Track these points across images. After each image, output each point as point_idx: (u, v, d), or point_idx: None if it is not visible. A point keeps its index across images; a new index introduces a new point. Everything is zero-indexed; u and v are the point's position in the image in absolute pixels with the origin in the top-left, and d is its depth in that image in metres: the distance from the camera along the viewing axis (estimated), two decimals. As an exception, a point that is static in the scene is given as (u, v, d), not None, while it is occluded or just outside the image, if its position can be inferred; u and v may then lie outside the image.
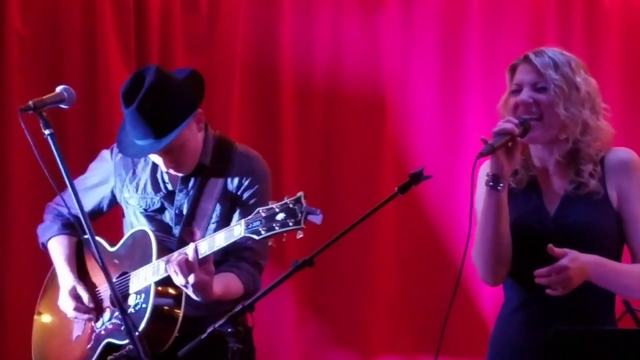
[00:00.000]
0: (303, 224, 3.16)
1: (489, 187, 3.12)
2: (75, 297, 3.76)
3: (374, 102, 5.20)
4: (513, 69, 3.27)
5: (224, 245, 3.39)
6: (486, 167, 3.16)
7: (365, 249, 5.12)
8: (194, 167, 3.69)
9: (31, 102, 3.12)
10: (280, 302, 5.00)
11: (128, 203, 3.81)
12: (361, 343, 5.17)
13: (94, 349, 3.70)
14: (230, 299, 3.59)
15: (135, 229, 3.74)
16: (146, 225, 3.73)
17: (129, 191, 3.80)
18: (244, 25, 5.11)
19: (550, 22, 5.28)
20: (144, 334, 3.44)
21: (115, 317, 3.68)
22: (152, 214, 3.76)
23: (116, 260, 3.75)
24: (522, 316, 3.23)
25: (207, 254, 3.42)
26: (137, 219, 3.79)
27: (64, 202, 3.36)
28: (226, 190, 3.69)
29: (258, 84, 5.15)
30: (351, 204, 5.02)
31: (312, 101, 5.19)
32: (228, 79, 5.08)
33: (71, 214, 3.62)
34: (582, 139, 3.17)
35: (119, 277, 3.70)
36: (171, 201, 3.74)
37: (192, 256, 3.41)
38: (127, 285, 3.65)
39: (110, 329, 3.69)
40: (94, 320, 3.76)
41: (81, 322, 3.80)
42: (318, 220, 3.17)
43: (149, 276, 3.57)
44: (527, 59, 3.23)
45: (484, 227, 3.15)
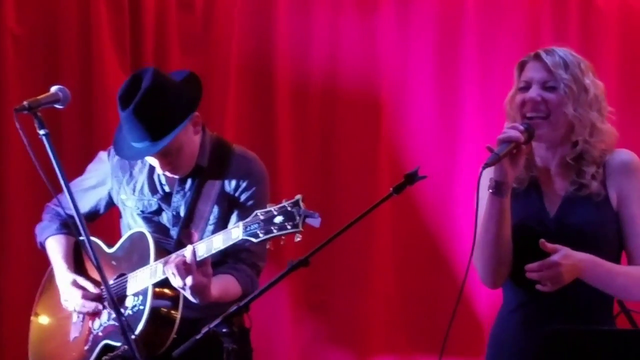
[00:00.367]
0: (301, 227, 3.17)
1: (491, 193, 3.11)
2: (80, 287, 3.75)
3: (370, 103, 5.20)
4: (522, 66, 3.25)
5: (222, 248, 3.39)
6: (489, 171, 3.14)
7: (362, 248, 5.12)
8: (190, 169, 3.69)
9: (26, 102, 3.11)
10: (276, 302, 5.00)
11: (125, 205, 3.81)
12: (358, 342, 5.17)
13: (92, 350, 3.70)
14: (229, 301, 3.56)
15: (132, 231, 3.74)
16: (143, 227, 3.73)
17: (126, 193, 3.80)
18: (240, 25, 5.11)
19: (545, 21, 5.28)
20: (141, 335, 3.45)
21: (113, 319, 3.67)
22: (149, 215, 3.76)
23: (114, 262, 3.75)
24: (520, 316, 3.23)
25: (205, 256, 3.42)
26: (134, 220, 3.79)
27: (58, 203, 3.35)
28: (224, 192, 3.69)
29: (254, 84, 5.15)
30: (347, 204, 5.01)
31: (308, 101, 5.19)
32: (223, 79, 5.08)
33: (67, 214, 3.63)
34: (589, 141, 3.16)
35: (117, 278, 3.70)
36: (168, 203, 3.73)
37: (190, 258, 3.41)
38: (124, 287, 3.64)
39: (108, 330, 3.68)
40: (96, 315, 3.74)
41: (78, 323, 3.80)
42: (316, 224, 3.17)
43: (146, 278, 3.57)
44: (537, 56, 3.22)
45: (485, 232, 3.14)
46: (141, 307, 3.56)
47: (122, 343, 3.48)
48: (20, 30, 4.89)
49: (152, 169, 3.76)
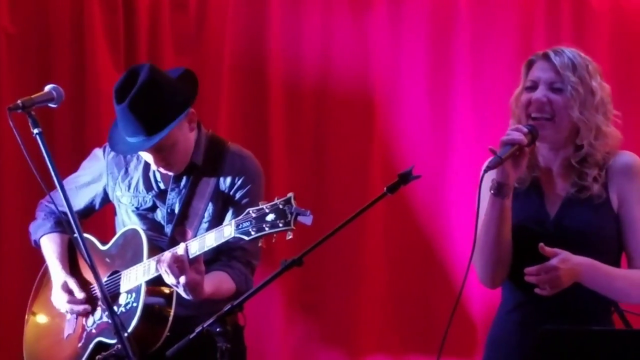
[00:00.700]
0: (293, 225, 3.17)
1: (493, 194, 3.11)
2: (67, 291, 3.75)
3: (363, 102, 5.20)
4: (529, 65, 3.24)
5: (214, 246, 3.40)
6: (490, 172, 3.12)
7: (355, 248, 5.12)
8: (185, 166, 3.69)
9: (20, 101, 3.12)
10: (269, 302, 5.00)
11: (120, 201, 3.81)
12: (350, 342, 5.17)
13: (85, 348, 3.70)
14: (222, 298, 3.58)
15: (126, 228, 3.74)
16: (138, 224, 3.73)
17: (121, 189, 3.80)
18: (233, 25, 5.11)
19: (538, 21, 5.28)
20: (134, 333, 3.46)
21: (107, 316, 3.66)
22: (143, 212, 3.76)
23: (107, 259, 3.75)
24: (518, 316, 3.23)
25: (198, 253, 3.43)
26: (129, 217, 3.79)
27: (52, 201, 3.35)
28: (218, 189, 3.69)
29: (247, 83, 5.14)
30: (340, 203, 5.01)
31: (301, 101, 5.19)
32: (216, 78, 5.07)
33: (61, 211, 3.63)
34: (594, 144, 3.15)
35: (110, 276, 3.71)
36: (163, 200, 3.74)
37: (183, 256, 3.41)
38: (118, 284, 3.65)
39: (101, 328, 3.68)
40: (89, 314, 3.74)
41: (72, 321, 3.79)
42: (308, 222, 3.17)
43: (139, 275, 3.57)
44: (546, 56, 3.20)
45: (485, 233, 3.14)
46: (134, 305, 3.56)
47: (115, 341, 3.50)
48: (14, 30, 4.89)
49: (147, 165, 3.76)
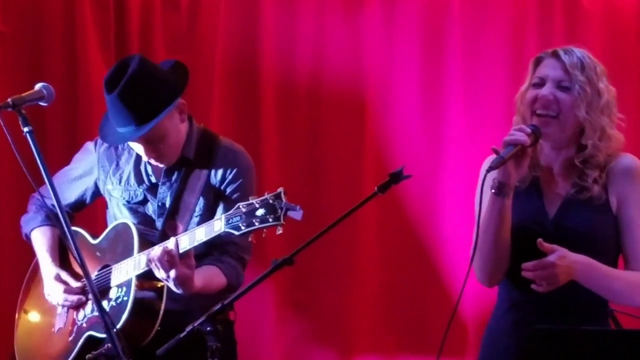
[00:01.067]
0: (283, 220, 3.18)
1: (493, 193, 3.11)
2: (62, 282, 3.75)
3: (356, 102, 5.20)
4: (537, 62, 3.23)
5: (204, 240, 3.39)
6: (489, 163, 3.11)
7: (347, 247, 5.12)
8: (176, 158, 3.69)
9: (10, 100, 3.11)
10: (261, 301, 4.99)
11: (111, 195, 3.81)
12: (343, 342, 5.16)
13: (76, 342, 3.69)
14: (213, 292, 3.59)
15: (117, 222, 3.74)
16: (129, 218, 3.73)
17: (112, 183, 3.79)
18: (225, 23, 5.10)
19: (531, 21, 5.28)
20: (125, 327, 3.46)
21: (96, 308, 3.66)
22: (134, 206, 3.76)
23: (98, 253, 3.74)
24: (514, 315, 3.22)
25: (188, 248, 3.42)
26: (120, 211, 3.78)
27: (41, 197, 3.34)
28: (209, 183, 3.69)
29: (239, 83, 5.14)
30: (333, 202, 5.01)
31: (293, 100, 5.18)
32: (209, 77, 5.07)
33: (51, 207, 3.64)
34: (598, 145, 3.15)
35: (101, 269, 3.70)
36: (154, 194, 3.73)
37: (173, 250, 3.41)
38: (108, 278, 3.64)
39: (91, 322, 3.67)
40: (81, 306, 3.73)
41: (63, 315, 3.79)
42: (298, 216, 3.17)
43: (130, 270, 3.57)
44: (555, 54, 3.20)
45: (484, 232, 3.12)
46: (125, 299, 3.56)
47: (106, 336, 3.50)
48: (6, 28, 4.88)
49: (138, 159, 3.76)
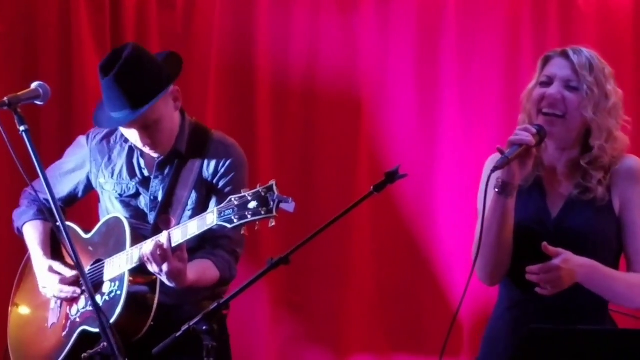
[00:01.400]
0: (275, 212, 3.16)
1: (497, 193, 3.10)
2: (56, 273, 3.74)
3: (350, 101, 5.20)
4: (546, 60, 3.24)
5: (197, 234, 3.39)
6: (492, 161, 3.13)
7: (342, 247, 5.12)
8: (170, 147, 3.68)
9: (6, 98, 3.12)
10: (255, 300, 5.00)
11: (103, 188, 3.80)
12: (336, 341, 5.17)
13: (69, 336, 3.68)
14: (206, 286, 3.60)
15: (109, 216, 3.73)
16: (121, 211, 3.73)
17: (105, 176, 3.79)
18: (220, 23, 5.11)
19: (525, 22, 5.29)
20: (118, 321, 3.45)
21: (91, 305, 3.66)
22: (127, 199, 3.76)
23: (90, 248, 3.74)
24: (515, 314, 3.23)
25: (180, 242, 3.42)
26: (112, 204, 3.78)
27: (34, 191, 3.33)
28: (202, 177, 3.69)
29: (234, 82, 5.15)
30: (327, 202, 5.02)
31: (288, 99, 5.19)
32: (204, 77, 5.08)
33: (46, 199, 3.63)
34: (605, 147, 3.15)
35: (94, 264, 3.70)
36: (146, 187, 3.73)
37: (166, 245, 3.41)
38: (101, 273, 3.64)
39: (85, 317, 3.67)
40: (75, 300, 3.72)
41: (56, 310, 3.78)
42: (290, 209, 3.17)
43: (122, 264, 3.56)
44: (564, 53, 3.21)
45: (487, 232, 3.12)
46: (118, 293, 3.56)
47: (99, 330, 3.50)
48: (1, 28, 4.87)
49: (131, 152, 3.76)
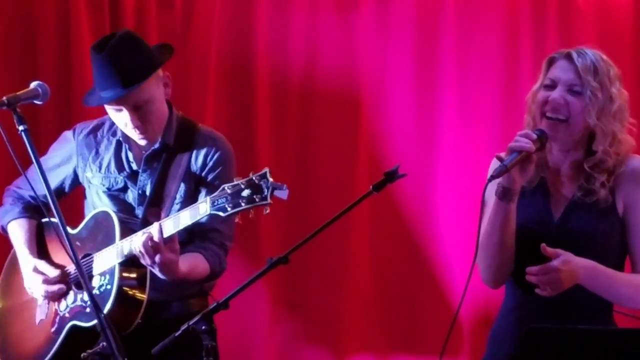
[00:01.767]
0: (270, 200, 3.15)
1: (498, 198, 3.09)
2: (40, 273, 3.73)
3: (349, 101, 5.20)
4: (550, 62, 3.23)
5: (189, 224, 3.38)
6: (496, 163, 3.12)
7: (340, 247, 5.12)
8: (159, 135, 3.68)
9: (5, 98, 3.12)
10: (254, 299, 4.99)
11: (90, 182, 3.80)
12: (335, 341, 5.16)
13: (59, 332, 3.67)
14: (197, 279, 3.60)
15: (96, 210, 3.72)
16: (108, 206, 3.72)
17: (92, 170, 3.79)
18: (219, 23, 5.11)
19: (525, 22, 5.29)
20: (109, 315, 3.42)
21: (81, 299, 3.65)
22: (115, 193, 3.75)
23: (78, 242, 3.71)
24: (518, 314, 3.23)
25: (173, 232, 3.41)
26: (99, 198, 3.77)
27: (29, 185, 3.32)
28: (190, 170, 3.68)
29: (233, 82, 5.15)
30: (326, 201, 5.02)
31: (287, 99, 5.19)
32: (203, 77, 5.08)
33: (32, 196, 3.69)
34: (609, 150, 3.13)
35: (82, 259, 3.67)
36: (134, 181, 3.72)
37: (157, 236, 3.40)
38: (90, 267, 3.62)
39: (75, 312, 3.66)
40: (63, 296, 3.71)
41: (44, 306, 3.77)
42: (284, 196, 3.15)
43: (112, 257, 3.55)
44: (568, 56, 3.19)
45: (489, 236, 3.12)
46: (108, 287, 3.55)
47: (90, 323, 3.52)
48: (-1, 27, 4.88)
49: (119, 146, 3.76)
